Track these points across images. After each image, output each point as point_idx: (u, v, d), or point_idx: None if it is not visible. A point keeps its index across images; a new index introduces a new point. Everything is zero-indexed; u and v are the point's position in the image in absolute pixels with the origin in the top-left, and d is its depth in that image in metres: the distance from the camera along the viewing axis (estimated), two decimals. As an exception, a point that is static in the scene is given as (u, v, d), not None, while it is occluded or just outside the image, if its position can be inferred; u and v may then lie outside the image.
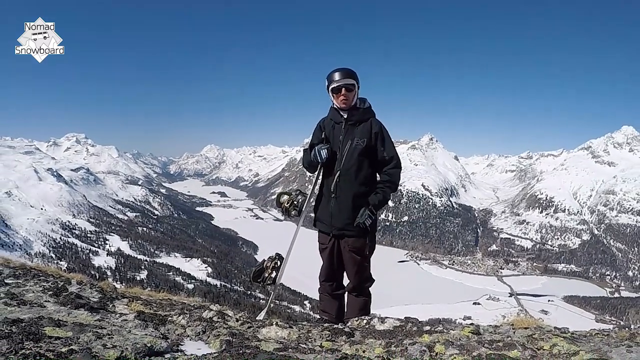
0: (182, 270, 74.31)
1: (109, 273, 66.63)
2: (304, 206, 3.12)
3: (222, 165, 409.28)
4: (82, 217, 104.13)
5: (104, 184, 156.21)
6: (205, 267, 79.60)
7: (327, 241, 2.99)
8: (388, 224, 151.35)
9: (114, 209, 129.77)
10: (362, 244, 2.91)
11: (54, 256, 72.93)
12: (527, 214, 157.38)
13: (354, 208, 2.83)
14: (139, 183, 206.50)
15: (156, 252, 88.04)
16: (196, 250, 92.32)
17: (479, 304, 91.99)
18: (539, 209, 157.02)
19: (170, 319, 2.37)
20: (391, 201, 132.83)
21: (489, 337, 2.09)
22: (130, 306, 2.63)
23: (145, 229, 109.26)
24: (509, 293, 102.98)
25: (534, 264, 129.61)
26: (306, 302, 69.33)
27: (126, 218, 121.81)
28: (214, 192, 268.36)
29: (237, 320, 2.51)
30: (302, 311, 62.57)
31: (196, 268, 78.49)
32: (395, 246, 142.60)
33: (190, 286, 64.56)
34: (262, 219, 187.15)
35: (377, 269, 3.06)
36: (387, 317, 2.79)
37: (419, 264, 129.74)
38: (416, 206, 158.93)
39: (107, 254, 79.61)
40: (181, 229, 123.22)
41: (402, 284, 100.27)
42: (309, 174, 3.13)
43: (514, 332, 2.22)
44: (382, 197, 2.85)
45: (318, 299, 3.30)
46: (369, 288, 3.17)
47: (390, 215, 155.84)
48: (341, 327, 2.46)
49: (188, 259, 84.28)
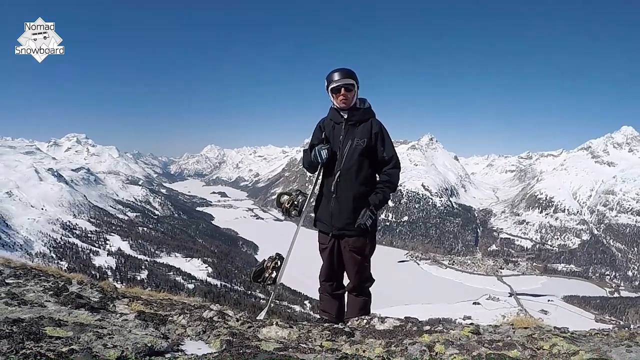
0: (183, 270, 74.38)
1: (109, 273, 66.69)
2: (304, 206, 3.12)
3: (223, 165, 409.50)
4: (82, 217, 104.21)
5: (105, 184, 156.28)
6: (206, 267, 79.66)
7: (328, 241, 2.99)
8: (388, 224, 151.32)
9: (115, 209, 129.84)
10: (362, 244, 2.92)
11: (54, 256, 73.03)
12: (526, 214, 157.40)
13: (354, 208, 2.84)
14: (140, 183, 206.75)
15: (156, 252, 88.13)
16: (196, 250, 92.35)
17: (478, 303, 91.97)
18: (538, 209, 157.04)
19: (170, 318, 2.37)
20: (391, 201, 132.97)
21: (488, 337, 2.10)
22: (131, 306, 2.63)
23: (145, 229, 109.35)
24: (508, 293, 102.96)
25: (534, 263, 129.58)
26: (306, 302, 69.35)
27: (127, 218, 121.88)
28: (214, 192, 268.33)
29: (237, 320, 2.52)
30: (303, 311, 62.58)
31: (196, 268, 78.55)
32: (395, 246, 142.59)
33: (191, 286, 64.63)
34: (263, 219, 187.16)
35: (377, 269, 3.06)
36: (387, 317, 2.79)
37: (419, 264, 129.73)
38: (416, 206, 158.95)
39: (108, 254, 79.69)
40: (181, 229, 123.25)
41: (402, 284, 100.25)
42: (309, 174, 3.14)
43: (514, 332, 2.23)
44: (382, 197, 2.86)
45: (318, 298, 3.30)
46: (369, 288, 3.17)
47: (390, 215, 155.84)
48: (341, 327, 2.47)
49: (188, 259, 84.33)
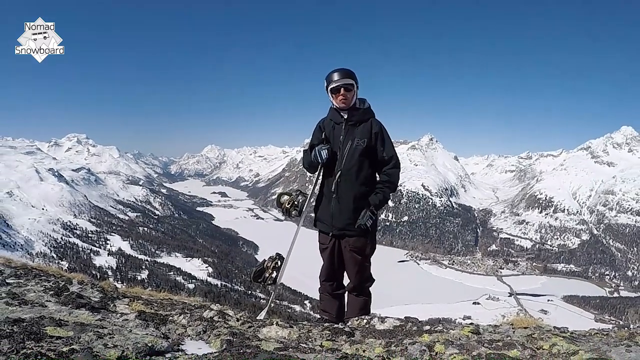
0: (183, 270, 74.36)
1: (110, 273, 66.70)
2: (305, 206, 3.12)
3: (223, 165, 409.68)
4: (83, 217, 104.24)
5: (105, 184, 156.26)
6: (206, 267, 79.67)
7: (328, 241, 2.99)
8: (388, 224, 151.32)
9: (115, 209, 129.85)
10: (363, 244, 2.92)
11: (55, 256, 73.03)
12: (526, 214, 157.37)
13: (354, 208, 2.84)
14: (140, 183, 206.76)
15: (157, 252, 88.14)
16: (197, 250, 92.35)
17: (478, 303, 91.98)
18: (538, 209, 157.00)
19: (171, 318, 2.37)
20: (391, 201, 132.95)
21: (488, 337, 2.10)
22: (131, 306, 2.63)
23: (146, 229, 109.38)
24: (508, 293, 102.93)
25: (534, 263, 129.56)
26: (306, 302, 69.33)
27: (127, 218, 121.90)
28: (214, 192, 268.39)
29: (237, 320, 2.52)
30: (303, 311, 62.54)
31: (197, 268, 78.55)
32: (395, 246, 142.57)
33: (191, 286, 64.63)
34: (263, 219, 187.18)
35: (377, 269, 3.06)
36: (387, 317, 2.80)
37: (419, 264, 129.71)
38: (416, 206, 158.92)
39: (108, 254, 79.70)
40: (182, 229, 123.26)
41: (402, 283, 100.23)
42: (309, 174, 3.14)
43: (514, 332, 2.23)
44: (382, 198, 2.86)
45: (318, 298, 3.31)
46: (369, 288, 3.18)
47: (390, 215, 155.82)
48: (341, 327, 2.47)
49: (189, 258, 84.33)
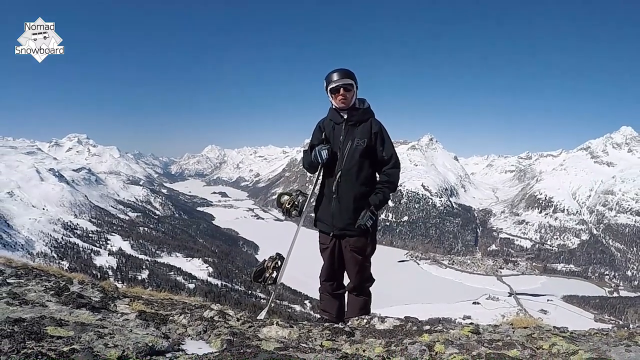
0: (183, 270, 74.34)
1: (110, 273, 66.68)
2: (305, 206, 3.12)
3: (223, 165, 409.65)
4: (83, 217, 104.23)
5: (106, 184, 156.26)
6: (206, 267, 79.64)
7: (328, 241, 2.99)
8: (388, 224, 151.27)
9: (116, 209, 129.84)
10: (363, 244, 2.92)
11: (55, 256, 73.01)
12: (526, 214, 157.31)
13: (355, 208, 2.84)
14: (140, 183, 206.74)
15: (157, 252, 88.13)
16: (197, 250, 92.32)
17: (478, 303, 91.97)
18: (538, 209, 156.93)
19: (171, 318, 2.37)
20: (391, 201, 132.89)
21: (488, 337, 2.10)
22: (132, 306, 2.64)
23: (146, 229, 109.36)
24: (508, 293, 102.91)
25: (533, 263, 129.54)
26: (307, 302, 69.30)
27: (127, 218, 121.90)
28: (214, 192, 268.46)
29: (238, 320, 2.52)
30: (303, 311, 62.50)
31: (197, 268, 78.53)
32: (395, 246, 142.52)
33: (192, 286, 64.64)
34: (263, 219, 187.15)
35: (377, 268, 3.06)
36: (387, 317, 2.79)
37: (418, 264, 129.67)
38: (416, 206, 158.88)
39: (109, 254, 79.69)
40: (182, 229, 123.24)
41: (402, 283, 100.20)
42: (309, 174, 3.14)
43: (514, 332, 2.23)
44: (382, 197, 2.87)
45: (318, 298, 3.31)
46: (370, 288, 3.18)
47: (390, 215, 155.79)
48: (341, 327, 2.47)
49: (189, 258, 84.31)
